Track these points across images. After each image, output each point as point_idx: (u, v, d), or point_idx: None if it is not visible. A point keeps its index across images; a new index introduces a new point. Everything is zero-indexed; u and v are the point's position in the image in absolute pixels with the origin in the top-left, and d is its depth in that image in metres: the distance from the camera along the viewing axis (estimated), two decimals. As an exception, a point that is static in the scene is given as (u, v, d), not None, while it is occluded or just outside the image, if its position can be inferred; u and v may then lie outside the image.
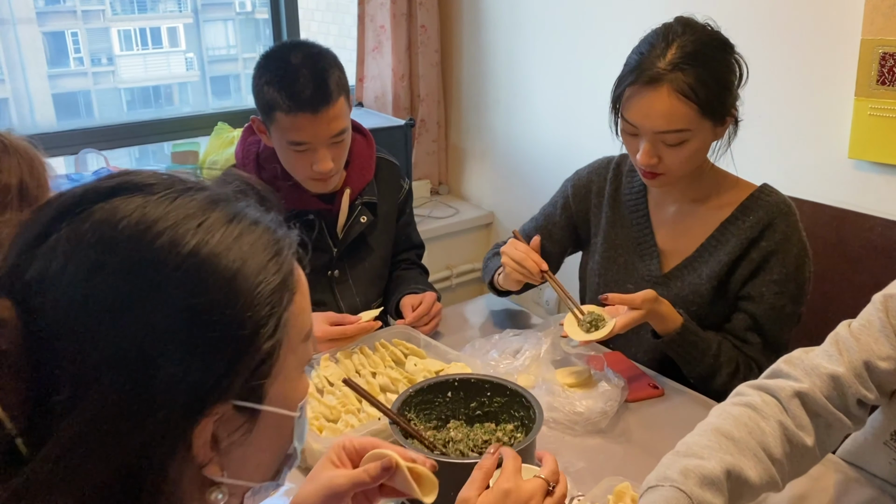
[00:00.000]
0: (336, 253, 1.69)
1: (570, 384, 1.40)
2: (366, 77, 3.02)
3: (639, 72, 1.35)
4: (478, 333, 1.69)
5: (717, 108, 1.35)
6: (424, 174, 3.19)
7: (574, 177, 1.70)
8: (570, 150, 2.72)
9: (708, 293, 1.47)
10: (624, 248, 1.60)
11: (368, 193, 1.72)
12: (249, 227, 0.61)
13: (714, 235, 1.48)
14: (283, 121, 1.49)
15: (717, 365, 1.44)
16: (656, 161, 1.39)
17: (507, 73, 2.92)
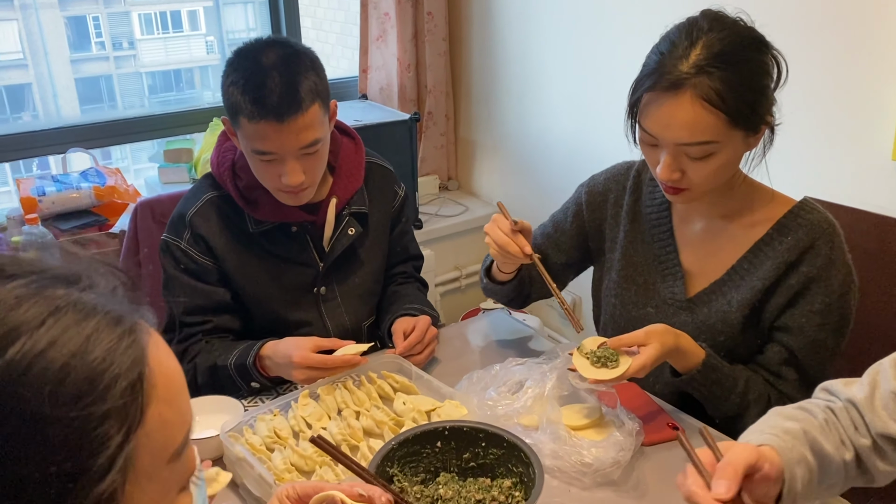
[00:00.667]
0: (322, 268, 1.55)
1: (578, 426, 1.25)
2: (370, 68, 2.86)
3: (658, 75, 1.18)
4: (478, 359, 1.53)
5: (748, 117, 1.17)
6: (433, 169, 3.03)
7: (589, 183, 1.53)
8: (586, 143, 2.55)
9: (738, 322, 1.31)
10: (644, 268, 1.43)
11: (357, 203, 1.56)
12: (75, 323, 0.49)
13: (746, 257, 1.31)
14: (246, 127, 1.34)
15: (745, 403, 1.28)
16: (678, 176, 1.23)
17: (519, 62, 2.74)
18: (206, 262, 1.48)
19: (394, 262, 1.69)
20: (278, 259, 1.52)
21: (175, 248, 1.49)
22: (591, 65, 2.48)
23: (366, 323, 1.63)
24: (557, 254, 1.54)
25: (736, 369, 1.29)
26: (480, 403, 1.24)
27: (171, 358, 0.55)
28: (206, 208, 1.50)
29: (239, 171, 1.49)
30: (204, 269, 1.48)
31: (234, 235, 1.50)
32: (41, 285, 0.49)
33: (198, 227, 1.48)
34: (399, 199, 1.67)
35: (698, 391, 1.28)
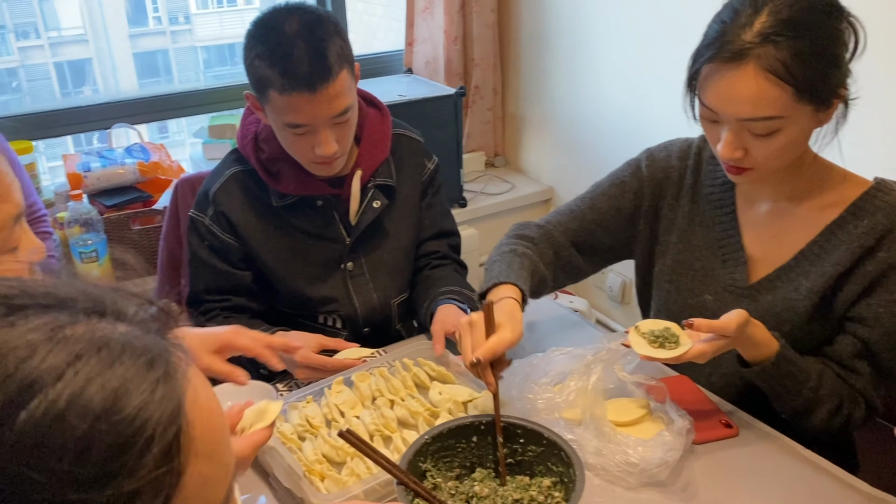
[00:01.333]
0: (349, 243, 1.50)
1: (624, 422, 1.18)
2: (416, 41, 2.79)
3: (719, 45, 1.08)
4: (519, 347, 1.46)
5: (819, 89, 1.07)
6: (479, 145, 2.95)
7: (649, 157, 1.40)
8: (640, 119, 2.44)
9: (806, 311, 1.22)
10: (703, 251, 1.34)
11: (383, 175, 1.51)
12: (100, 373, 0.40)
13: (817, 241, 1.22)
14: (277, 100, 1.30)
15: (817, 400, 1.19)
16: (741, 154, 1.14)
17: (570, 33, 2.63)
18: (228, 240, 1.47)
19: (425, 238, 1.62)
20: (304, 234, 1.49)
21: (200, 225, 1.48)
22: (646, 35, 2.36)
23: (395, 300, 1.58)
24: (604, 235, 1.43)
25: (808, 362, 1.20)
26: (520, 396, 1.18)
27: (208, 392, 0.47)
28: (230, 184, 1.48)
29: (261, 143, 1.46)
30: (227, 247, 1.47)
31: (258, 211, 1.47)
32: (58, 323, 0.41)
33: (221, 203, 1.46)
34: (428, 171, 1.61)
35: (768, 384, 1.20)
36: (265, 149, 1.45)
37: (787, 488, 1.11)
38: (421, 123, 2.37)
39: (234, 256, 1.49)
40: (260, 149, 1.46)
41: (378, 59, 2.87)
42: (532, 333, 1.53)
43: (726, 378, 1.33)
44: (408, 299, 1.62)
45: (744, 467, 1.14)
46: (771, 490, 1.10)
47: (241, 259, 1.50)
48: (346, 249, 1.51)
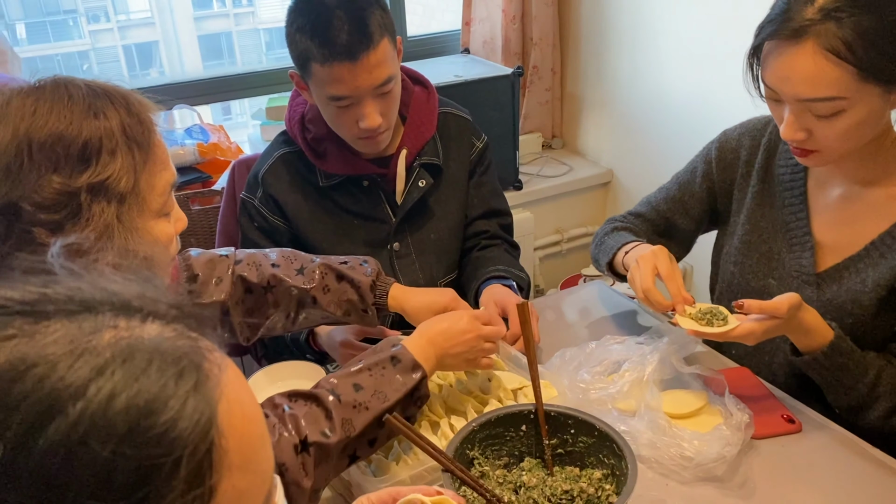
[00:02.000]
0: (395, 223, 1.49)
1: (680, 415, 1.14)
2: (473, 20, 2.75)
3: (781, 21, 1.04)
4: (573, 335, 1.44)
5: (886, 70, 1.01)
6: (536, 126, 2.90)
7: (720, 138, 1.39)
8: (706, 101, 2.35)
9: (872, 304, 1.15)
10: (770, 234, 1.29)
11: (429, 153, 1.49)
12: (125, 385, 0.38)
13: (891, 231, 1.15)
14: (319, 73, 1.29)
15: (874, 396, 1.13)
16: (803, 136, 1.09)
17: (632, 12, 2.55)
18: (277, 222, 1.48)
19: (473, 218, 1.60)
20: (350, 214, 1.49)
21: (250, 206, 1.50)
22: (713, 15, 2.27)
23: (442, 280, 1.57)
24: (685, 219, 1.43)
25: (868, 356, 1.14)
26: (572, 385, 1.15)
27: (243, 397, 0.44)
28: (277, 165, 1.49)
29: (308, 123, 1.47)
30: (275, 229, 1.48)
31: (306, 192, 1.48)
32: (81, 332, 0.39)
33: (269, 185, 1.47)
34: (476, 150, 1.59)
35: (820, 375, 1.15)
36: (311, 129, 1.45)
37: (851, 488, 1.06)
38: (477, 104, 2.35)
39: (283, 238, 1.50)
40: (306, 129, 1.46)
41: (435, 39, 2.84)
42: (587, 320, 1.50)
43: (786, 368, 1.28)
44: (456, 280, 1.61)
45: (805, 464, 1.10)
46: (834, 489, 1.06)
47: (289, 240, 1.51)
48: (393, 229, 1.50)
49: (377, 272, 1.25)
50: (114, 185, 0.83)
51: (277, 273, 1.23)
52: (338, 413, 0.94)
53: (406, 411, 1.01)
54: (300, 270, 1.23)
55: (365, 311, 1.24)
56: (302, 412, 0.94)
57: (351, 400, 0.96)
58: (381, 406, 0.97)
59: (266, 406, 0.96)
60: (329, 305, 1.23)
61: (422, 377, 1.01)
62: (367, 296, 1.23)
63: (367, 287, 1.23)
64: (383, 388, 0.99)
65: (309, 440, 0.91)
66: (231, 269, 1.22)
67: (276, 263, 1.24)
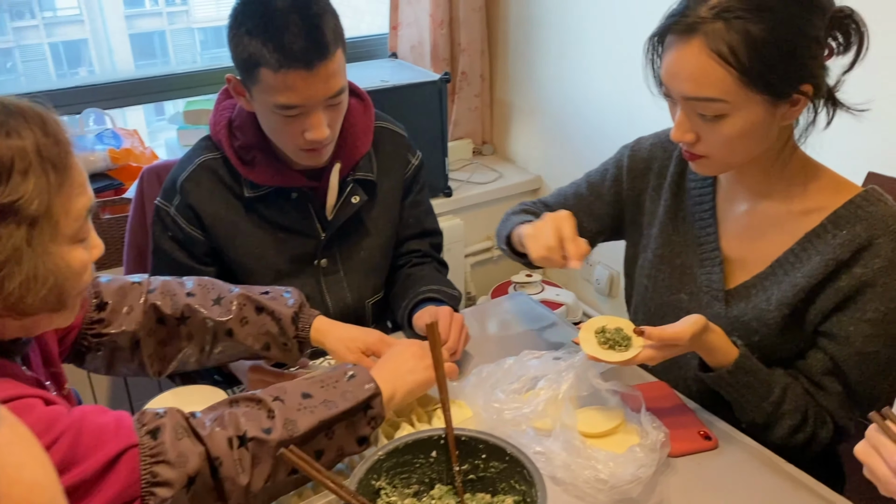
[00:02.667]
0: (324, 239, 1.43)
1: (595, 434, 1.11)
2: (400, 24, 2.70)
3: (678, 15, 1.04)
4: (493, 349, 1.40)
5: (769, 80, 1.00)
6: (466, 133, 2.87)
7: (633, 146, 1.37)
8: (630, 107, 2.36)
9: (776, 323, 1.15)
10: (682, 248, 1.28)
11: (363, 169, 1.44)
12: None
13: (793, 250, 1.14)
14: (269, 79, 1.22)
15: (778, 415, 1.13)
16: (692, 138, 1.09)
17: (559, 18, 2.54)
18: (193, 232, 1.40)
19: (406, 237, 1.56)
20: (276, 227, 1.42)
21: (164, 215, 1.41)
22: (637, 21, 2.27)
23: (370, 300, 1.51)
24: (589, 220, 1.40)
25: (774, 375, 1.14)
26: (486, 405, 1.11)
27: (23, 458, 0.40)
28: (198, 173, 1.40)
29: (235, 129, 1.39)
30: (192, 240, 1.40)
31: (228, 202, 1.40)
32: None
33: (188, 193, 1.39)
34: (412, 167, 1.54)
35: (726, 392, 1.14)
36: (239, 136, 1.38)
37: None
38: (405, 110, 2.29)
39: (199, 250, 1.42)
40: (234, 135, 1.38)
41: (361, 42, 2.79)
42: (508, 333, 1.47)
43: (700, 382, 1.26)
44: (383, 298, 1.56)
45: (722, 482, 1.08)
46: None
47: (205, 253, 1.43)
48: (321, 245, 1.44)
49: (300, 304, 1.19)
50: (25, 207, 0.79)
51: (192, 303, 1.16)
52: (281, 413, 0.93)
53: (358, 430, 0.98)
54: (217, 301, 1.17)
55: (286, 345, 1.18)
56: (242, 411, 0.93)
57: (296, 403, 0.94)
58: (327, 412, 0.94)
59: (203, 412, 0.94)
60: (247, 339, 1.17)
61: (375, 392, 0.98)
62: (287, 329, 1.17)
63: (288, 319, 1.17)
64: (333, 398, 0.96)
65: (248, 435, 0.90)
66: (143, 298, 1.15)
67: (191, 293, 1.17)
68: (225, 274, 1.45)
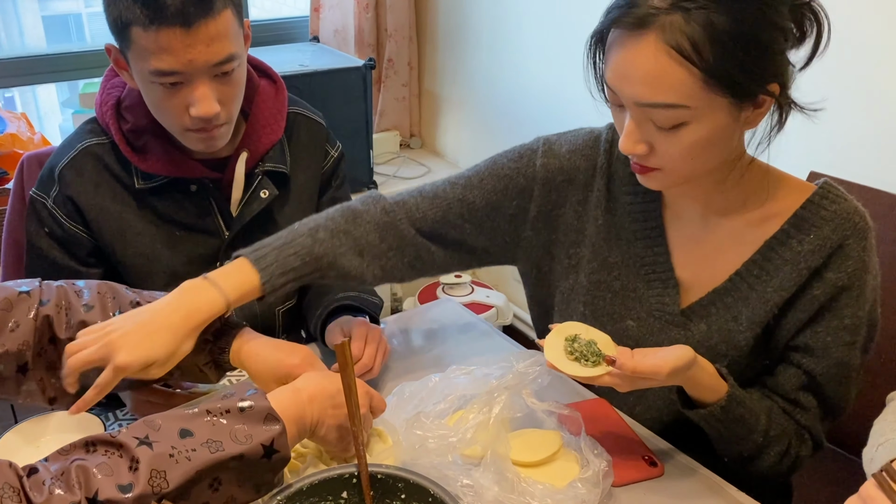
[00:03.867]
0: (228, 238, 1.27)
1: (530, 462, 0.99)
2: (322, 6, 2.53)
3: (625, 7, 0.88)
4: (418, 363, 1.26)
5: (734, 79, 0.86)
6: (393, 124, 2.73)
7: (544, 151, 1.14)
8: (562, 100, 2.26)
9: (747, 343, 1.04)
10: (622, 270, 1.12)
11: (274, 160, 1.28)
12: None
13: (755, 260, 1.03)
14: (141, 40, 1.05)
15: (766, 443, 1.03)
16: (644, 150, 0.93)
17: (490, 6, 2.42)
18: (74, 228, 1.21)
19: None
20: (172, 224, 1.25)
21: (41, 207, 1.23)
22: (570, 10, 2.17)
23: (280, 308, 1.36)
24: (477, 235, 1.15)
25: (755, 400, 1.03)
26: (408, 433, 0.97)
27: None
28: (81, 159, 1.22)
29: (124, 111, 1.22)
30: (72, 237, 1.22)
31: (115, 194, 1.22)
32: None
33: (68, 183, 1.21)
34: (331, 159, 1.39)
35: (714, 428, 1.02)
36: (129, 118, 1.20)
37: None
38: (326, 98, 2.13)
39: (81, 250, 1.24)
40: (122, 118, 1.21)
41: (281, 25, 2.60)
42: (434, 345, 1.33)
43: (652, 411, 1.15)
44: (296, 306, 1.40)
45: (668, 513, 0.98)
46: (699, 542, 0.94)
47: (89, 253, 1.24)
48: (224, 245, 1.27)
49: (215, 327, 1.02)
50: None
51: (89, 319, 0.97)
52: (147, 462, 0.71)
53: (256, 477, 0.77)
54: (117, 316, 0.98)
55: (200, 371, 1.01)
56: (96, 462, 0.70)
57: (167, 449, 0.72)
58: (209, 458, 0.73)
59: (51, 458, 0.72)
60: None
61: (279, 433, 0.77)
62: (198, 355, 0.99)
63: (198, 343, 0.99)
64: (220, 437, 0.74)
65: (99, 497, 0.68)
66: (34, 312, 0.94)
67: (89, 305, 0.98)
68: (112, 276, 1.26)
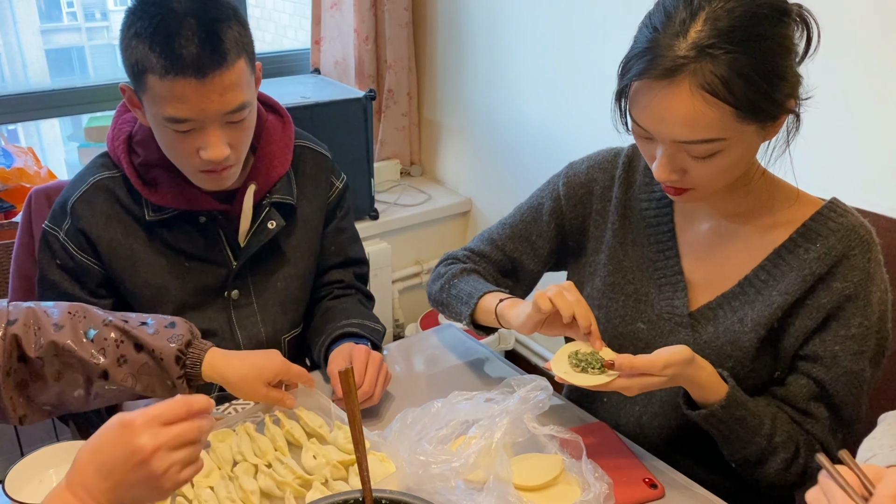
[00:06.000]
0: (236, 268, 1.29)
1: (532, 487, 1.00)
2: (323, 39, 2.58)
3: (650, 59, 0.93)
4: (421, 389, 1.28)
5: (763, 106, 0.94)
6: (393, 153, 2.76)
7: (568, 172, 1.27)
8: (563, 128, 2.30)
9: (752, 345, 1.08)
10: (636, 274, 1.19)
11: (281, 192, 1.30)
12: None
13: (764, 266, 1.08)
14: (156, 87, 1.08)
15: (771, 447, 1.05)
16: (678, 176, 1.01)
17: (488, 36, 2.47)
18: (86, 260, 1.24)
19: (328, 267, 1.43)
20: (181, 255, 1.27)
21: (53, 240, 1.25)
22: (568, 39, 2.22)
23: (286, 336, 1.37)
24: (532, 260, 1.30)
25: (760, 405, 1.06)
26: (411, 458, 0.99)
27: None
28: (92, 193, 1.24)
29: (136, 145, 1.24)
30: (83, 269, 1.24)
31: (127, 226, 1.25)
32: None
33: (80, 216, 1.23)
34: (336, 191, 1.41)
35: (716, 429, 1.05)
36: (140, 152, 1.23)
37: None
38: (327, 128, 2.17)
39: (92, 281, 1.26)
40: (134, 152, 1.24)
41: (282, 57, 2.65)
42: (436, 370, 1.35)
43: (658, 418, 1.18)
44: (301, 334, 1.42)
45: (670, 536, 0.99)
46: (700, 564, 0.95)
47: (99, 284, 1.27)
48: (232, 275, 1.29)
49: (186, 340, 1.05)
50: None
51: (59, 340, 0.99)
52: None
53: None
54: (89, 335, 1.01)
55: (172, 386, 1.03)
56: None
57: None
58: None
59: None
60: (126, 380, 1.02)
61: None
62: (171, 369, 1.02)
63: (170, 358, 1.02)
64: None
65: None
66: (2, 331, 0.98)
67: (59, 324, 1.01)
68: (122, 306, 1.29)
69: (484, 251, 1.33)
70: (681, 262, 1.15)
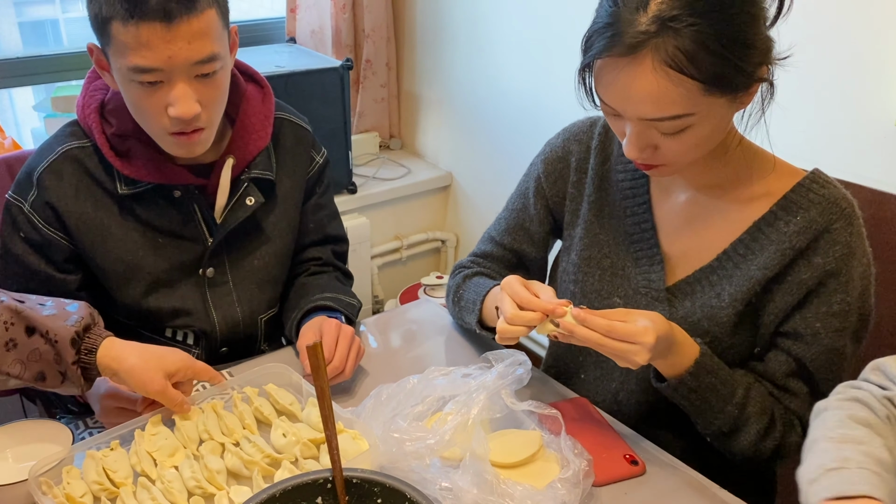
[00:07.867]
0: (211, 245, 1.24)
1: (510, 464, 0.97)
2: (299, 7, 2.51)
3: (611, 35, 0.89)
4: (397, 365, 1.24)
5: (732, 77, 0.89)
6: (372, 125, 2.70)
7: (545, 151, 1.24)
8: (543, 100, 2.25)
9: (729, 320, 1.05)
10: (612, 247, 1.15)
11: (260, 166, 1.25)
12: None
13: (742, 240, 1.05)
14: (121, 35, 1.02)
15: (744, 418, 1.03)
16: (649, 153, 0.97)
17: (468, 5, 2.41)
18: (52, 234, 1.18)
19: (305, 244, 1.38)
20: (154, 230, 1.22)
21: (17, 212, 1.18)
22: (547, 9, 2.16)
23: (263, 316, 1.33)
24: (533, 247, 1.27)
25: (736, 374, 1.04)
26: (385, 436, 0.95)
27: None
28: (61, 163, 1.18)
29: (108, 114, 1.18)
30: (49, 242, 1.18)
31: (97, 199, 1.19)
32: None
33: (47, 188, 1.17)
34: (316, 165, 1.36)
35: (687, 399, 1.03)
36: (113, 122, 1.17)
37: (700, 538, 0.93)
38: (303, 99, 2.11)
39: (59, 255, 1.20)
40: (106, 121, 1.17)
41: (257, 26, 2.58)
42: (413, 346, 1.32)
43: (635, 395, 1.15)
44: (279, 314, 1.37)
45: (650, 512, 0.96)
46: (682, 541, 0.93)
47: (67, 259, 1.20)
48: (207, 252, 1.24)
49: (85, 323, 0.97)
50: None
51: None
52: None
53: None
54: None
55: (63, 374, 0.95)
56: None
57: None
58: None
59: None
60: (13, 366, 0.93)
61: None
62: (65, 352, 0.93)
63: (65, 340, 0.93)
64: None
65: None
66: None
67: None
68: (91, 282, 1.23)
69: (487, 251, 1.30)
70: (657, 236, 1.12)
